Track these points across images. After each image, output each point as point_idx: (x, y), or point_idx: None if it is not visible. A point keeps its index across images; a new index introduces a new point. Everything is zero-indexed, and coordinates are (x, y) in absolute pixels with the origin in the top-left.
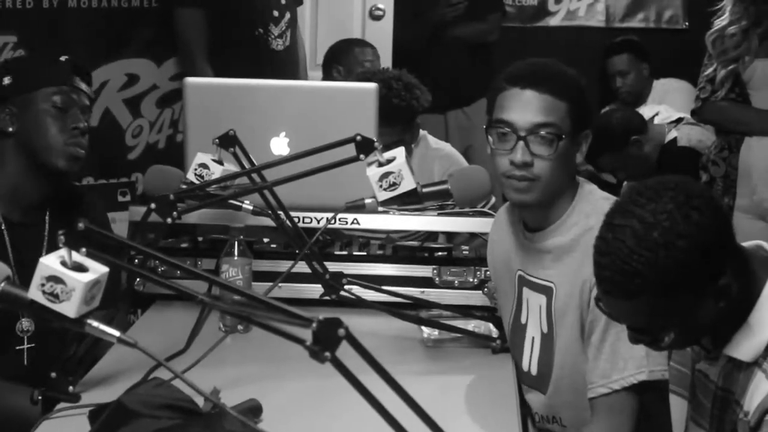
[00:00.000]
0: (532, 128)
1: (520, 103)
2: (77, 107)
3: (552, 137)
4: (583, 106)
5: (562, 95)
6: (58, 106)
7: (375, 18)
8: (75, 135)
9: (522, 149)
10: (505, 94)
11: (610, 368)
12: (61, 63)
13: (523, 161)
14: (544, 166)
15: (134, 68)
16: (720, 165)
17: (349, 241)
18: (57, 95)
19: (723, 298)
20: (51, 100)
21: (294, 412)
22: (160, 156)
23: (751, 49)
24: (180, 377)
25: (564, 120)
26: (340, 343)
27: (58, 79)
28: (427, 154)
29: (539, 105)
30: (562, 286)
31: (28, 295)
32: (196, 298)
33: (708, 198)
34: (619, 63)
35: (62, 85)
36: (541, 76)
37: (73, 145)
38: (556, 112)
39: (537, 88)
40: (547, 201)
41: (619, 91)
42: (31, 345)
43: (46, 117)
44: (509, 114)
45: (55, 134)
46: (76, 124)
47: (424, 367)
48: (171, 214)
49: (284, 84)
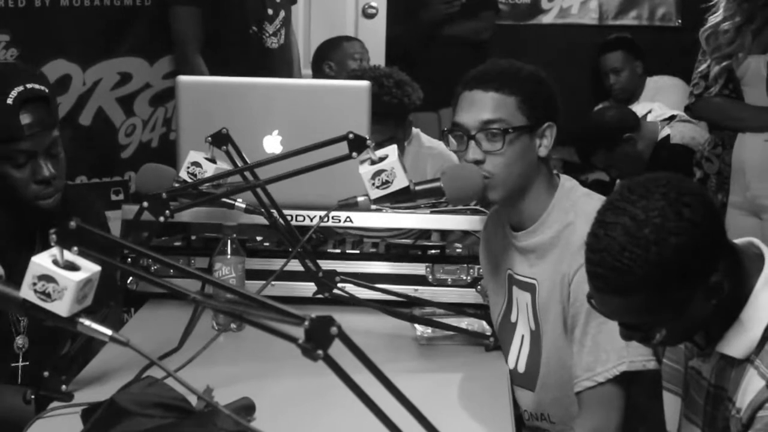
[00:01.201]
0: (480, 126)
1: (468, 104)
2: (40, 154)
3: (500, 132)
4: (539, 98)
5: (510, 90)
6: (20, 163)
7: (368, 16)
8: (41, 189)
9: (472, 148)
10: (458, 98)
11: (593, 361)
12: (10, 108)
13: (474, 159)
14: (496, 162)
15: (127, 67)
16: (713, 162)
17: (342, 239)
18: (14, 152)
19: (715, 294)
20: (10, 156)
21: (287, 411)
22: (153, 154)
23: (744, 45)
24: (173, 376)
25: (513, 114)
26: (333, 341)
27: (10, 133)
28: (419, 152)
29: (485, 103)
30: (544, 283)
31: (20, 294)
32: (188, 296)
33: (699, 195)
34: (613, 60)
35: (16, 140)
36: (489, 76)
37: (41, 198)
38: (504, 108)
39: (482, 87)
40: (515, 198)
41: (613, 88)
42: (26, 363)
43: (8, 173)
44: (460, 116)
45: (21, 191)
46: (40, 176)
47: (417, 365)
48: (163, 212)
49: (277, 82)
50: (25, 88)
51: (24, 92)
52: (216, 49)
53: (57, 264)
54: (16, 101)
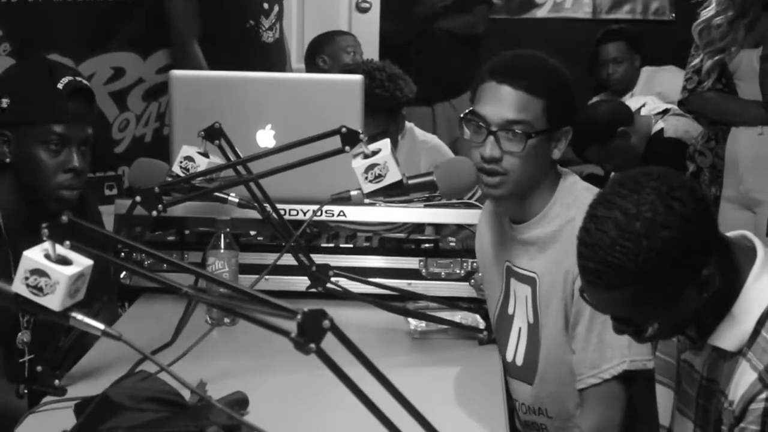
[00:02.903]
0: (504, 124)
1: (494, 98)
2: (74, 144)
3: (522, 135)
4: (564, 104)
5: (540, 93)
6: (52, 148)
7: (362, 11)
8: (68, 178)
9: (491, 144)
10: (483, 86)
11: (598, 358)
12: (60, 92)
13: (492, 156)
14: (513, 162)
15: (120, 62)
16: (707, 155)
17: (335, 234)
18: (53, 134)
19: (706, 288)
20: (46, 139)
21: (280, 405)
22: (146, 149)
23: (737, 39)
24: (166, 370)
25: (538, 118)
26: (325, 335)
27: (54, 115)
28: (413, 147)
29: (513, 101)
30: (545, 277)
31: (12, 288)
32: (182, 290)
33: (690, 188)
34: (614, 50)
35: (59, 122)
36: (520, 72)
37: (66, 188)
38: (531, 110)
39: (513, 83)
40: (520, 195)
41: (610, 78)
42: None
43: (39, 156)
44: (483, 107)
45: (47, 177)
46: (71, 164)
47: (411, 359)
48: (156, 206)
49: (270, 76)
50: (74, 79)
51: (73, 82)
52: (214, 43)
53: (49, 258)
54: (66, 88)
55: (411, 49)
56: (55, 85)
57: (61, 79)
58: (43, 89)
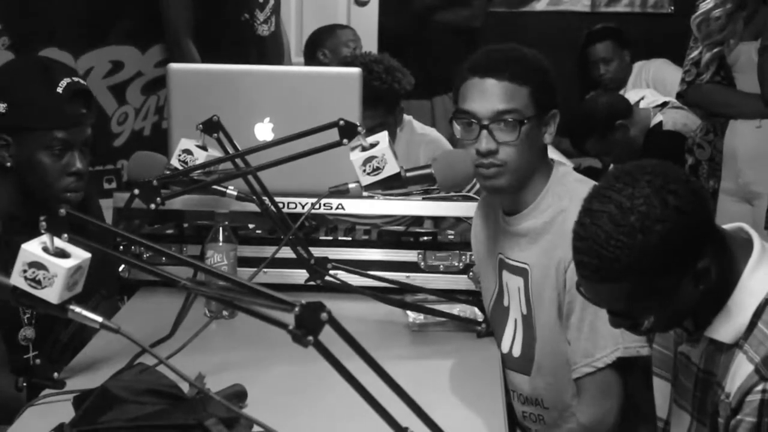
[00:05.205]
0: (494, 116)
1: (480, 93)
2: (77, 147)
3: (515, 122)
4: (547, 88)
5: (524, 80)
6: (55, 153)
7: (360, 4)
8: (72, 181)
9: (486, 138)
10: (467, 84)
11: (591, 347)
12: (60, 96)
13: (488, 149)
14: (510, 151)
15: (119, 55)
16: (705, 148)
17: (334, 226)
18: (55, 139)
19: (703, 280)
20: (49, 144)
21: (279, 397)
22: (145, 143)
23: (736, 32)
24: (164, 363)
25: (526, 105)
26: (323, 327)
27: (56, 121)
28: (412, 140)
29: (500, 92)
30: (536, 268)
31: (11, 281)
32: (180, 283)
33: (685, 182)
34: (602, 50)
35: (61, 128)
36: (501, 64)
37: (70, 191)
38: (518, 98)
39: (497, 75)
40: (519, 185)
41: (603, 77)
42: (36, 353)
43: (42, 160)
44: (471, 104)
45: (51, 181)
46: (74, 167)
47: (409, 352)
48: (154, 199)
49: (268, 69)
50: (73, 81)
51: (72, 84)
52: (208, 37)
53: (47, 251)
54: (65, 91)
55: (409, 43)
56: (54, 89)
57: (59, 82)
58: (43, 94)
